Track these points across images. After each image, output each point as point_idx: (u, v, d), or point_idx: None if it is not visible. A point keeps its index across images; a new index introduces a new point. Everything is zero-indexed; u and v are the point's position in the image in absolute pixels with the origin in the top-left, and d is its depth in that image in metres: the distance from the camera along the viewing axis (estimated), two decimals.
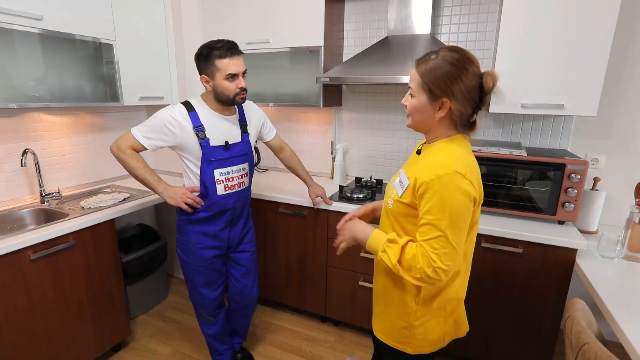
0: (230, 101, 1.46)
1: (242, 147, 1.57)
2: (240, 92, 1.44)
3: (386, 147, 2.32)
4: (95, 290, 1.77)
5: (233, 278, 1.74)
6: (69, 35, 1.77)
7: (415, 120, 1.00)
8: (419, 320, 1.03)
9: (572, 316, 1.08)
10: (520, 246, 1.58)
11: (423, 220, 0.91)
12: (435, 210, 0.88)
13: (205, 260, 1.61)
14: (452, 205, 0.87)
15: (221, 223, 1.59)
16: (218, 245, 1.62)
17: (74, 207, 1.86)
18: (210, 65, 1.39)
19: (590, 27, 1.49)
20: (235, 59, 1.39)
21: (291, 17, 2.06)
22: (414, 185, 0.94)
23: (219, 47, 1.37)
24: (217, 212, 1.56)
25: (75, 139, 2.15)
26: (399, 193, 0.99)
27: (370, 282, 1.93)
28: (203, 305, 1.70)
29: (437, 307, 1.02)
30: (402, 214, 1.00)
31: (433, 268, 0.88)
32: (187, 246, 1.60)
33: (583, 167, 1.56)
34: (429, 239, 0.89)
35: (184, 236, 1.60)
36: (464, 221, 0.90)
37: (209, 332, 1.77)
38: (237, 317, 1.83)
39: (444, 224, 0.87)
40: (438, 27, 2.02)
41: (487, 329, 1.73)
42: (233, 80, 1.41)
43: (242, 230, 1.70)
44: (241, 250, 1.72)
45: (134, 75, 2.08)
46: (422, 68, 0.93)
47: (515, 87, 1.65)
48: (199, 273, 1.63)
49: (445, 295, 1.02)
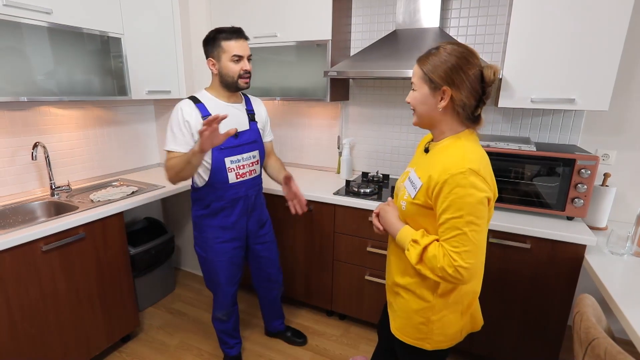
0: (234, 84, 1.48)
1: (251, 135, 1.58)
2: (243, 75, 1.47)
3: (393, 142, 2.31)
4: (104, 282, 1.79)
5: (256, 269, 1.80)
6: (78, 29, 1.78)
7: (420, 114, 1.01)
8: (437, 315, 1.03)
9: (581, 312, 1.07)
10: (528, 242, 1.57)
11: (441, 219, 0.92)
12: (452, 209, 0.89)
13: (226, 254, 1.62)
14: (468, 203, 0.88)
15: (236, 213, 1.59)
16: (236, 237, 1.63)
17: (83, 200, 1.88)
18: (217, 47, 1.44)
19: (603, 20, 1.47)
20: (240, 42, 1.45)
21: (299, 10, 2.05)
22: (428, 186, 0.94)
23: (226, 30, 1.44)
24: (230, 200, 1.56)
25: (84, 133, 2.17)
26: (412, 194, 0.99)
27: (377, 276, 1.94)
28: (223, 303, 1.71)
29: (455, 302, 1.03)
30: (418, 215, 1.00)
31: (454, 267, 0.89)
32: (205, 243, 1.61)
33: (593, 162, 1.54)
34: (448, 238, 0.90)
35: (202, 233, 1.61)
36: (482, 217, 0.90)
37: (221, 328, 1.80)
38: (268, 303, 1.93)
39: (462, 221, 0.88)
40: (447, 21, 1.99)
41: (495, 325, 1.73)
42: (238, 62, 1.45)
43: (258, 220, 1.71)
44: (261, 242, 1.74)
45: (141, 69, 2.09)
46: (422, 62, 0.97)
47: (525, 81, 1.63)
48: (221, 269, 1.63)
49: (462, 289, 1.03)
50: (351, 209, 1.91)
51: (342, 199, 1.92)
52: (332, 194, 1.99)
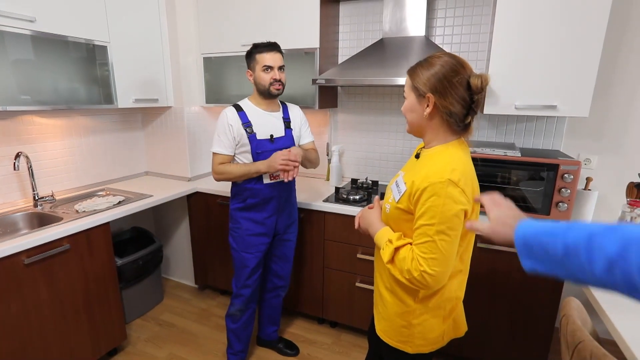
0: (266, 91, 1.63)
1: (286, 141, 1.70)
2: (274, 83, 1.62)
3: (382, 148, 2.33)
4: (90, 294, 1.75)
5: (273, 260, 1.87)
6: (62, 37, 1.75)
7: (410, 122, 1.04)
8: (418, 319, 1.04)
9: (567, 315, 1.09)
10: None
11: (416, 224, 0.94)
12: (426, 216, 0.91)
13: (253, 247, 1.74)
14: (442, 213, 0.89)
15: (268, 210, 1.72)
16: (265, 232, 1.74)
17: (68, 211, 1.84)
18: (252, 60, 1.63)
19: (582, 29, 1.51)
20: (272, 54, 1.60)
21: (287, 19, 2.06)
22: (410, 191, 0.96)
23: (260, 44, 1.62)
24: (262, 199, 1.69)
25: (69, 142, 2.13)
26: (396, 198, 1.01)
27: (367, 283, 1.94)
28: (243, 296, 1.79)
29: (436, 306, 1.04)
30: (399, 219, 1.01)
31: (420, 272, 0.91)
32: (237, 233, 1.74)
33: (576, 167, 1.58)
34: (419, 243, 0.93)
35: (236, 223, 1.75)
36: (454, 229, 0.91)
37: (232, 327, 1.85)
38: (271, 299, 1.96)
39: (433, 229, 0.90)
40: (433, 30, 2.03)
41: (483, 329, 1.75)
42: (269, 72, 1.60)
43: (288, 218, 1.82)
44: (286, 239, 1.85)
45: (128, 77, 2.07)
46: (410, 72, 1.01)
47: (509, 88, 1.67)
48: (248, 261, 1.74)
49: (444, 294, 1.03)
50: (341, 215, 1.92)
51: (331, 206, 1.92)
52: (321, 201, 1.99)
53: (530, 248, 0.63)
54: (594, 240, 0.54)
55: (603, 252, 0.53)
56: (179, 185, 2.34)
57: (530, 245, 0.64)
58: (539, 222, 0.65)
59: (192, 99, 2.43)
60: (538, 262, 0.63)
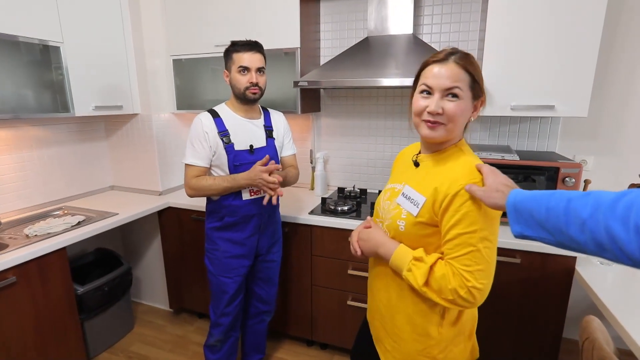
0: (242, 95, 1.45)
1: (267, 152, 1.51)
2: (250, 87, 1.44)
3: (369, 154, 2.20)
4: (43, 331, 1.51)
5: (256, 283, 1.69)
6: (10, 36, 1.52)
7: (452, 130, 0.84)
8: (443, 352, 0.90)
9: (592, 338, 0.98)
10: (517, 256, 1.50)
11: (449, 235, 0.80)
12: (464, 223, 0.78)
13: (233, 270, 1.55)
14: (483, 217, 0.78)
15: (249, 229, 1.54)
16: (245, 254, 1.56)
17: (15, 236, 1.59)
18: (229, 59, 1.46)
19: (578, 26, 1.44)
20: (250, 54, 1.43)
21: (264, 17, 1.90)
22: (434, 199, 0.82)
23: (239, 42, 1.44)
24: (242, 217, 1.51)
25: (17, 156, 1.87)
26: (413, 212, 0.86)
27: (359, 301, 1.79)
28: (222, 325, 1.61)
29: (457, 332, 0.91)
30: (419, 235, 0.86)
31: (467, 288, 0.77)
32: (214, 255, 1.56)
33: (577, 170, 1.50)
34: (459, 255, 0.79)
35: (212, 245, 1.57)
36: (495, 233, 0.81)
37: (212, 358, 1.68)
38: (255, 325, 1.77)
39: (476, 237, 0.77)
40: (420, 27, 1.93)
41: (488, 343, 1.62)
42: (245, 74, 1.43)
43: (271, 237, 1.65)
44: (269, 260, 1.67)
45: (86, 82, 1.84)
46: (467, 62, 0.83)
47: (505, 89, 1.58)
48: (227, 286, 1.56)
49: (464, 315, 0.91)
50: (329, 229, 1.76)
51: (318, 218, 1.77)
52: (307, 213, 1.83)
53: (520, 213, 0.69)
54: (571, 204, 0.61)
55: (577, 214, 0.59)
56: (149, 201, 2.11)
57: (520, 211, 0.69)
58: (528, 191, 0.71)
59: (162, 105, 2.22)
60: (525, 226, 0.68)
